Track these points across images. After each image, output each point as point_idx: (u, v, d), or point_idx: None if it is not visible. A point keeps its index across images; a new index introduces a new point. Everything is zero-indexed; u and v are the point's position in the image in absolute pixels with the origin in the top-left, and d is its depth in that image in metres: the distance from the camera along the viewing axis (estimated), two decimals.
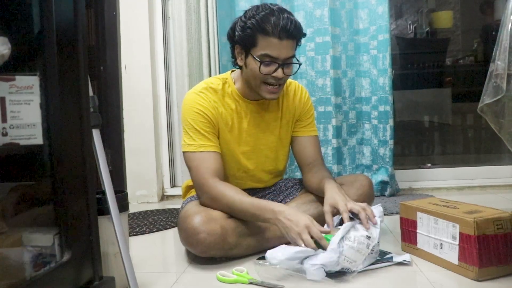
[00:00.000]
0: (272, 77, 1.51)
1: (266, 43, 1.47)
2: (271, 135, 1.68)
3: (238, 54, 1.57)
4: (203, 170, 1.53)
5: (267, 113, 1.67)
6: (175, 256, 1.66)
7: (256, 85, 1.54)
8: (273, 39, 1.46)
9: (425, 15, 4.16)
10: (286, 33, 1.46)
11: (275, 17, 1.45)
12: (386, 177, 2.51)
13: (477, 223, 1.23)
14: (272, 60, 1.49)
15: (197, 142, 1.56)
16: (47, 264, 0.96)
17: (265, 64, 1.49)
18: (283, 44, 1.47)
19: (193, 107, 1.58)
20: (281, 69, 1.50)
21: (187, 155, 1.58)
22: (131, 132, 2.67)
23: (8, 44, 0.87)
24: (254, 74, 1.52)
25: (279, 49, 1.47)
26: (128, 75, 2.66)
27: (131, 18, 2.64)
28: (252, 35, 1.48)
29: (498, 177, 2.70)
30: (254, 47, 1.50)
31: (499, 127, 1.59)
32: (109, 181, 1.15)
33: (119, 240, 1.13)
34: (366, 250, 1.30)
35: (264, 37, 1.47)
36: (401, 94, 3.83)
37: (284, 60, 1.50)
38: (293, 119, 1.72)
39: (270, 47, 1.47)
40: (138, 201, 2.69)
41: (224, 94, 1.62)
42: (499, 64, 1.53)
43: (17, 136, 0.87)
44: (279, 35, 1.45)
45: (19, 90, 0.87)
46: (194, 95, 1.60)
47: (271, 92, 1.54)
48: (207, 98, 1.59)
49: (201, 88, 1.62)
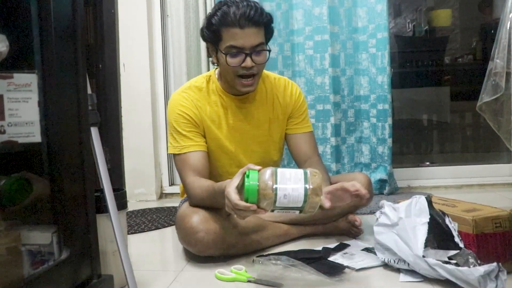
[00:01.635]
0: (242, 68, 1.49)
1: (230, 35, 1.46)
2: (259, 129, 1.66)
3: (212, 52, 1.57)
4: (185, 172, 1.54)
5: (253, 107, 1.65)
6: (174, 254, 1.66)
7: (231, 79, 1.53)
8: (235, 29, 1.45)
9: (424, 13, 4.15)
10: (247, 21, 1.44)
11: (234, 7, 1.45)
12: (385, 175, 2.52)
13: (475, 222, 1.23)
14: (238, 51, 1.47)
15: (180, 144, 1.56)
16: (46, 262, 0.96)
17: (231, 55, 1.48)
18: (246, 32, 1.45)
19: (176, 108, 1.58)
20: (249, 58, 1.48)
21: (173, 157, 1.61)
22: (130, 130, 2.67)
23: (6, 42, 0.87)
24: (226, 68, 1.52)
25: (242, 38, 1.46)
26: (127, 73, 2.65)
27: (130, 16, 2.63)
28: (217, 30, 1.48)
29: (497, 176, 2.70)
30: (220, 41, 1.49)
31: (498, 125, 1.60)
32: (108, 179, 1.15)
33: (118, 238, 1.13)
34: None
35: (227, 29, 1.46)
36: (399, 93, 3.83)
37: (251, 48, 1.47)
38: (285, 116, 1.70)
39: (233, 38, 1.46)
40: (136, 199, 2.68)
41: (208, 91, 1.62)
42: (498, 62, 1.53)
43: (15, 134, 0.87)
44: (240, 24, 1.44)
45: (17, 87, 0.87)
46: (177, 96, 1.61)
47: (245, 85, 1.53)
48: (189, 97, 1.59)
49: (185, 88, 1.63)
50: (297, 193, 1.14)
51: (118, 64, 2.66)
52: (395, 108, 3.44)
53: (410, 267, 1.26)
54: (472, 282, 1.11)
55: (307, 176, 1.17)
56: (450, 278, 1.16)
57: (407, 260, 1.25)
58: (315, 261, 1.38)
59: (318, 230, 1.69)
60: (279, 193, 1.13)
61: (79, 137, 1.02)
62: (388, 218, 1.34)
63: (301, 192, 1.14)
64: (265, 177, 1.14)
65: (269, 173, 1.15)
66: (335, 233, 1.69)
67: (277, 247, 1.58)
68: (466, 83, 4.14)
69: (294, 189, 1.14)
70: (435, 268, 1.18)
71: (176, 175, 2.82)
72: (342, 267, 1.34)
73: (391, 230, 1.31)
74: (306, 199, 1.14)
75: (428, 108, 4.10)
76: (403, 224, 1.28)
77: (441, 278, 1.19)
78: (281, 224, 1.63)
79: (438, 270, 1.18)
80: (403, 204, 1.33)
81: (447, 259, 1.21)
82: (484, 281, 1.10)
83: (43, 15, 0.93)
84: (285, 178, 1.15)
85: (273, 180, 1.14)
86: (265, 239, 1.57)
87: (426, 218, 1.26)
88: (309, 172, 1.18)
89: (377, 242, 1.36)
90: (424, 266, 1.20)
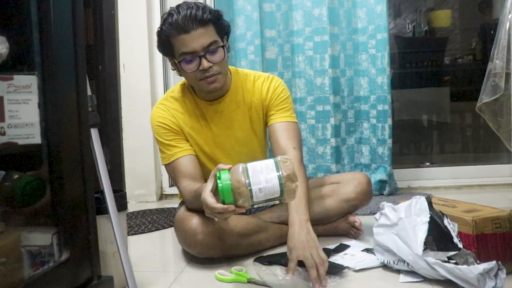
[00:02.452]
0: (201, 72, 1.46)
1: (179, 42, 1.44)
2: (239, 130, 1.63)
3: (173, 65, 1.56)
4: (177, 179, 1.55)
5: (230, 109, 1.62)
6: (174, 255, 1.66)
7: (196, 84, 1.52)
8: (182, 36, 1.42)
9: (424, 14, 4.16)
10: (191, 23, 1.41)
11: (176, 14, 1.42)
12: (385, 176, 2.52)
13: (475, 222, 1.23)
14: (192, 55, 1.44)
15: (167, 154, 1.56)
16: (46, 263, 0.96)
17: (186, 61, 1.45)
18: (193, 35, 1.42)
19: (155, 120, 1.59)
20: (204, 59, 1.44)
21: (166, 168, 1.61)
22: (130, 131, 2.67)
23: (6, 43, 0.87)
24: (187, 76, 1.51)
25: (191, 41, 1.43)
26: (127, 74, 2.65)
27: (130, 17, 2.64)
28: (166, 41, 1.46)
29: (497, 176, 2.70)
30: (173, 52, 1.48)
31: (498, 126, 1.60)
32: (108, 180, 1.15)
33: (118, 239, 1.13)
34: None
35: (174, 38, 1.44)
36: (399, 93, 3.84)
37: (204, 50, 1.44)
38: (264, 111, 1.64)
39: (183, 44, 1.43)
40: (136, 200, 2.69)
41: (184, 100, 1.61)
42: (498, 63, 1.53)
43: (15, 135, 0.87)
44: (185, 29, 1.41)
45: (17, 89, 0.87)
46: (155, 109, 1.61)
47: (209, 83, 1.48)
48: (166, 108, 1.59)
49: (162, 99, 1.63)
50: (271, 184, 1.10)
51: (118, 65, 2.67)
52: (395, 108, 3.44)
53: (410, 267, 1.26)
54: (471, 280, 1.11)
55: (278, 164, 1.12)
56: (450, 277, 1.16)
57: (407, 260, 1.25)
58: None
59: (318, 231, 1.67)
60: (253, 188, 1.09)
61: (79, 138, 1.02)
62: (388, 218, 1.34)
63: (276, 182, 1.10)
64: (237, 175, 1.10)
65: (240, 170, 1.11)
66: (335, 234, 1.68)
67: (277, 248, 1.58)
68: (466, 83, 4.15)
69: (268, 180, 1.10)
70: (434, 267, 1.18)
71: None
72: (342, 267, 1.34)
73: (391, 231, 1.32)
74: (282, 188, 1.10)
75: (428, 108, 4.10)
76: (403, 224, 1.28)
77: (440, 278, 1.19)
78: (281, 225, 1.63)
79: (437, 269, 1.18)
80: (403, 205, 1.34)
81: (446, 259, 1.21)
82: (483, 279, 1.10)
83: (43, 17, 0.93)
84: (257, 171, 1.11)
85: (245, 176, 1.10)
86: (265, 240, 1.56)
87: (427, 218, 1.26)
88: (279, 160, 1.13)
89: (377, 243, 1.37)
90: (424, 265, 1.20)
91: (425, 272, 1.22)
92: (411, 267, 1.25)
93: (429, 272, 1.21)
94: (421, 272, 1.24)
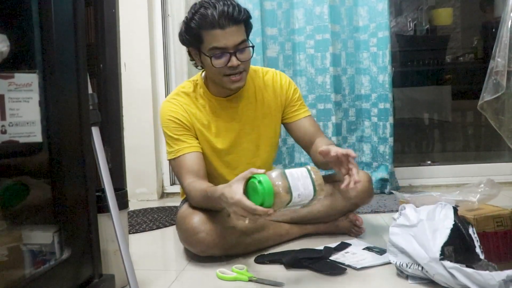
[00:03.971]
0: (228, 68, 1.48)
1: (211, 37, 1.45)
2: (249, 127, 1.65)
3: (194, 56, 1.56)
4: (182, 175, 1.54)
5: (242, 105, 1.64)
6: (175, 254, 1.66)
7: (219, 80, 1.53)
8: (216, 31, 1.44)
9: (425, 12, 4.16)
10: (227, 20, 1.43)
11: (211, 9, 1.43)
12: (386, 174, 2.51)
13: (477, 220, 1.23)
14: (222, 51, 1.46)
15: (174, 148, 1.56)
16: (47, 261, 0.96)
17: (216, 57, 1.47)
18: (227, 32, 1.44)
19: (166, 114, 1.58)
20: (234, 57, 1.47)
21: (170, 163, 1.61)
22: (131, 130, 2.67)
23: (7, 42, 0.87)
24: (212, 70, 1.51)
25: (224, 38, 1.45)
26: (128, 72, 2.65)
27: (131, 16, 2.63)
28: (197, 33, 1.47)
29: (498, 175, 2.68)
30: (202, 44, 1.48)
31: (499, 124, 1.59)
32: (109, 179, 1.15)
33: (119, 238, 1.13)
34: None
35: (207, 31, 1.45)
36: (401, 92, 3.83)
37: (235, 47, 1.47)
38: (278, 107, 1.68)
39: (215, 39, 1.45)
40: (137, 198, 2.69)
41: (196, 96, 1.62)
42: (499, 61, 1.52)
43: (16, 133, 0.87)
44: (220, 24, 1.43)
45: (18, 87, 0.87)
46: (166, 103, 1.61)
47: (233, 81, 1.51)
48: (178, 103, 1.59)
49: (173, 94, 1.63)
50: (308, 191, 1.18)
51: (119, 63, 2.67)
52: (396, 107, 3.44)
53: (424, 272, 1.17)
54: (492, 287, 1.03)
55: (311, 173, 1.20)
56: (468, 283, 1.07)
57: (421, 263, 1.16)
58: (317, 261, 1.38)
59: (319, 229, 1.69)
60: (294, 193, 1.16)
61: (80, 136, 1.02)
62: (408, 219, 1.26)
63: (311, 190, 1.18)
64: (278, 180, 1.16)
65: (279, 175, 1.17)
66: (336, 232, 1.68)
67: (278, 247, 1.58)
68: (467, 82, 4.14)
69: (305, 187, 1.17)
70: (451, 272, 1.09)
71: None
72: (343, 267, 1.34)
73: (408, 232, 1.24)
74: (315, 195, 1.19)
75: (429, 107, 4.10)
76: (422, 226, 1.20)
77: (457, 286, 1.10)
78: (282, 224, 1.63)
79: (455, 273, 1.09)
80: (426, 208, 1.27)
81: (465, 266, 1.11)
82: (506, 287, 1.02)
83: (44, 15, 0.93)
84: (294, 178, 1.17)
85: (285, 181, 1.16)
86: (266, 238, 1.56)
87: (450, 224, 1.18)
88: (311, 169, 1.21)
89: (391, 243, 1.28)
90: (440, 270, 1.12)
91: (440, 278, 1.13)
92: (425, 271, 1.16)
93: (444, 279, 1.12)
94: (436, 279, 1.14)
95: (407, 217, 1.27)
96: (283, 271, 1.36)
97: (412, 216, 1.26)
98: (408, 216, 1.27)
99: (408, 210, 1.29)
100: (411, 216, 1.26)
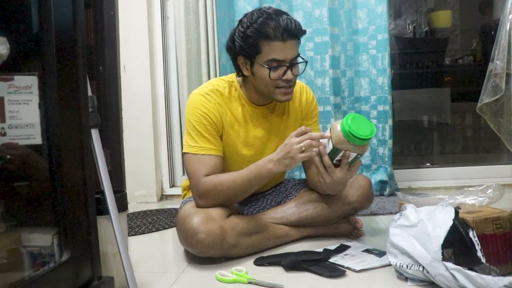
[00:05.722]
0: (282, 81, 1.50)
1: (271, 48, 1.46)
2: (277, 138, 1.66)
3: (243, 65, 1.55)
4: (199, 172, 1.52)
5: (274, 117, 1.66)
6: (174, 256, 1.66)
7: (269, 91, 1.53)
8: (277, 43, 1.45)
9: (424, 14, 4.16)
10: (288, 34, 1.45)
11: (274, 21, 1.44)
12: (385, 176, 2.51)
13: (476, 223, 1.23)
14: (280, 64, 1.48)
15: (198, 145, 1.54)
16: (46, 264, 0.96)
17: (273, 69, 1.48)
18: (287, 45, 1.46)
19: (198, 108, 1.56)
20: (290, 71, 1.49)
21: (187, 156, 1.56)
22: (130, 132, 2.67)
23: (7, 44, 0.88)
24: (265, 82, 1.51)
25: (284, 51, 1.47)
26: (127, 75, 2.65)
27: (130, 18, 2.64)
28: (255, 43, 1.47)
29: (497, 177, 2.69)
30: (258, 54, 1.48)
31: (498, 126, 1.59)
32: (108, 181, 1.15)
33: (118, 240, 1.13)
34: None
35: (267, 42, 1.46)
36: (400, 94, 3.84)
37: (291, 61, 1.49)
38: (299, 119, 1.70)
39: (275, 51, 1.46)
40: (137, 201, 2.69)
41: (230, 97, 1.61)
42: (498, 63, 1.53)
43: (16, 136, 0.87)
44: (282, 37, 1.45)
45: (17, 90, 0.87)
46: (200, 97, 1.58)
47: (285, 93, 1.53)
48: (213, 100, 1.57)
49: (207, 90, 1.59)
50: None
51: (119, 66, 2.67)
52: (396, 109, 3.44)
53: (424, 273, 1.16)
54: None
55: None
56: (469, 286, 1.06)
57: (423, 264, 1.15)
58: (316, 263, 1.38)
59: (319, 231, 1.69)
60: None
61: (80, 139, 1.02)
62: (408, 219, 1.25)
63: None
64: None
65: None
66: (336, 235, 1.68)
67: (278, 249, 1.58)
68: (466, 84, 4.15)
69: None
70: (453, 273, 1.08)
71: (176, 177, 2.82)
72: (342, 269, 1.34)
73: (409, 232, 1.23)
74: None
75: (429, 109, 4.11)
76: (423, 225, 1.19)
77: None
78: (282, 226, 1.63)
79: (457, 275, 1.07)
80: (427, 208, 1.26)
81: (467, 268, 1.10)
82: None
83: (43, 17, 0.93)
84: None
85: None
86: (265, 240, 1.56)
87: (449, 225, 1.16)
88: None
89: (391, 244, 1.27)
90: (442, 270, 1.10)
91: (441, 279, 1.11)
92: (426, 272, 1.15)
93: (446, 280, 1.10)
94: (437, 280, 1.13)
95: (407, 217, 1.26)
96: (283, 274, 1.36)
97: (412, 216, 1.25)
98: (409, 216, 1.26)
99: (409, 210, 1.28)
100: (411, 216, 1.25)
